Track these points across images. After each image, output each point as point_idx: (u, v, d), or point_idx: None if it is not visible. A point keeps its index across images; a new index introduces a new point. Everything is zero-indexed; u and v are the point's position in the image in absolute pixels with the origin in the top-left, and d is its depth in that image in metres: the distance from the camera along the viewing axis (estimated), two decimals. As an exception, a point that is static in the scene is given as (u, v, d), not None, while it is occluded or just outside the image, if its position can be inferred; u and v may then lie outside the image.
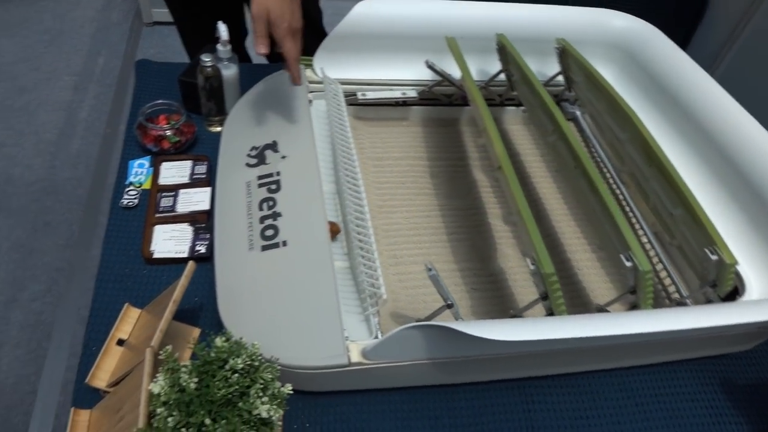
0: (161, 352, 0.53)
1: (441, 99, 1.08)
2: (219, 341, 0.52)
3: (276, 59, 0.97)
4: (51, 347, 1.18)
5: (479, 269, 0.85)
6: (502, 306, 0.81)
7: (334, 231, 0.77)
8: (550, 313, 0.67)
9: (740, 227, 0.81)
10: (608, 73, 1.06)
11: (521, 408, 0.72)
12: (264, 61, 1.38)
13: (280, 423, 0.54)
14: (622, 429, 0.72)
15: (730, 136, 0.87)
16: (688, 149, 0.92)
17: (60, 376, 1.13)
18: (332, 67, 1.00)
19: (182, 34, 1.36)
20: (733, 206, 0.83)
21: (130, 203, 0.87)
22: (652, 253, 0.90)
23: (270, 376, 0.52)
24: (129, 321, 0.70)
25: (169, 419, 0.48)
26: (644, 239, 0.92)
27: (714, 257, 0.67)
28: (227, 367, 0.51)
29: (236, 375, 0.50)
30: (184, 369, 0.51)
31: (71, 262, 1.51)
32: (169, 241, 0.81)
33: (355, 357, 0.62)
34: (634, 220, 0.94)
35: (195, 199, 0.87)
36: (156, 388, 0.50)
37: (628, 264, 0.65)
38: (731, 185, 0.84)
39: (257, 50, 0.80)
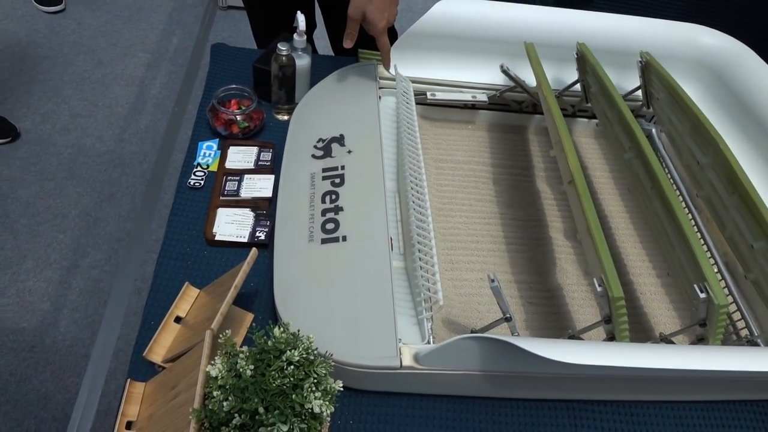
0: (220, 335, 0.54)
1: (511, 105, 1.06)
2: (277, 331, 0.53)
3: (343, 52, 1.01)
4: (106, 315, 1.23)
5: (537, 283, 0.83)
6: (558, 323, 0.78)
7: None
8: (611, 337, 0.64)
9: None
10: (693, 92, 1.01)
11: (569, 430, 0.70)
12: (330, 52, 1.39)
13: (329, 419, 0.54)
14: (675, 466, 0.69)
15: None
16: (772, 179, 0.87)
17: (112, 343, 1.18)
18: (405, 64, 0.99)
19: (252, 22, 1.38)
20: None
21: (197, 184, 0.89)
22: (722, 284, 0.85)
23: (324, 372, 0.52)
24: (188, 300, 0.72)
25: (225, 403, 0.49)
26: (714, 268, 0.87)
27: (797, 298, 0.62)
28: (283, 358, 0.51)
29: (291, 367, 0.51)
30: (241, 355, 0.52)
31: (131, 234, 1.56)
32: (231, 225, 0.83)
33: (407, 361, 0.61)
34: (705, 249, 0.90)
35: (259, 185, 0.88)
36: (214, 371, 0.51)
37: (702, 295, 0.61)
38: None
39: (345, 45, 0.88)
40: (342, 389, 0.55)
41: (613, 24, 1.02)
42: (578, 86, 1.00)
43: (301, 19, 0.97)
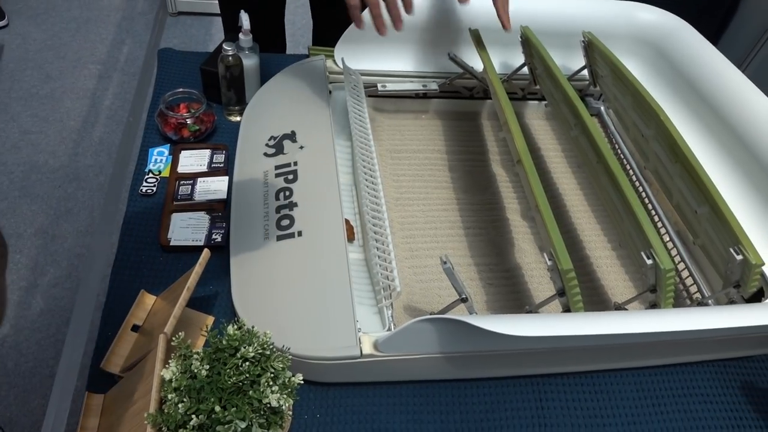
0: (174, 338, 0.53)
1: (462, 92, 1.07)
2: (231, 329, 0.52)
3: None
4: (69, 332, 1.20)
5: (495, 264, 0.84)
6: (518, 302, 0.80)
7: (348, 231, 0.76)
8: (567, 310, 0.66)
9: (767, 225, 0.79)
10: (635, 68, 1.04)
11: (534, 405, 0.71)
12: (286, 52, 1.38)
13: (290, 412, 0.54)
14: (637, 429, 0.71)
15: (760, 133, 0.84)
16: (716, 147, 0.90)
17: (78, 361, 1.15)
18: (354, 57, 0.99)
19: (225, 24, 1.36)
20: (762, 206, 0.81)
21: (149, 191, 0.88)
22: (674, 252, 0.87)
23: (281, 366, 0.52)
24: (144, 307, 0.71)
25: (180, 405, 0.48)
26: (666, 238, 0.89)
27: (739, 257, 0.65)
28: (238, 355, 0.50)
29: (247, 363, 0.50)
30: (195, 356, 0.51)
31: (91, 248, 1.53)
32: (186, 229, 0.82)
33: (367, 349, 0.61)
34: (656, 219, 0.92)
35: (213, 188, 0.87)
36: (167, 374, 0.50)
37: (649, 262, 0.63)
38: (760, 184, 0.82)
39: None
40: (302, 382, 0.55)
41: (556, 6, 1.03)
42: (526, 69, 1.02)
43: (245, 18, 0.96)
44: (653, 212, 0.93)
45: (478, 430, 0.68)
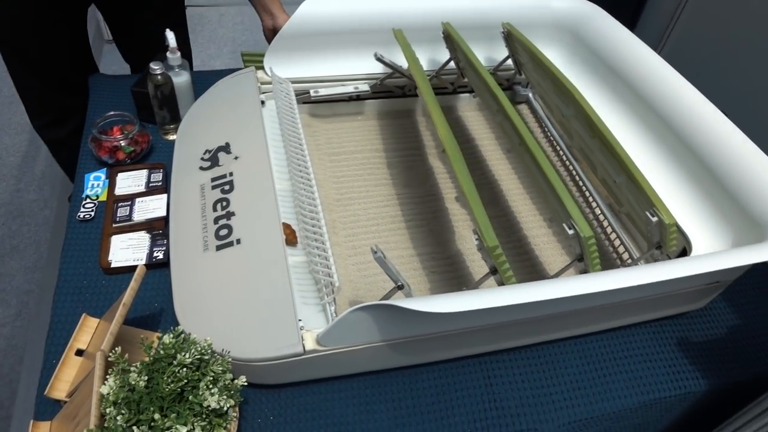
0: (111, 353, 0.54)
1: (394, 91, 1.10)
2: (167, 338, 0.53)
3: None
4: (24, 371, 1.17)
5: (437, 253, 0.86)
6: (460, 287, 0.82)
7: (289, 235, 0.77)
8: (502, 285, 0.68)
9: (688, 191, 0.83)
10: (556, 54, 1.08)
11: (482, 383, 0.73)
12: (216, 67, 1.38)
13: (235, 414, 0.55)
14: (582, 395, 0.74)
15: (674, 105, 0.89)
16: (636, 121, 0.94)
17: (33, 399, 1.12)
18: (284, 66, 1.00)
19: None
20: (681, 172, 0.85)
21: (87, 216, 0.87)
22: (605, 223, 0.92)
23: (220, 369, 0.53)
24: (87, 331, 0.71)
25: (119, 417, 0.48)
26: (597, 211, 0.94)
27: (654, 219, 0.68)
28: (175, 362, 0.51)
29: (185, 369, 0.51)
30: (134, 368, 0.52)
31: (41, 284, 1.49)
32: (127, 250, 0.82)
33: (310, 345, 0.62)
34: (588, 194, 0.96)
35: (152, 207, 0.87)
36: (105, 389, 0.50)
37: (571, 232, 0.66)
38: (679, 152, 0.86)
39: None
40: (246, 384, 0.56)
41: (475, 1, 1.07)
42: (453, 64, 1.05)
43: (170, 37, 0.97)
44: (584, 187, 0.97)
45: (429, 413, 0.70)
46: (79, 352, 0.69)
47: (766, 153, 0.78)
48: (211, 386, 0.51)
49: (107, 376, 0.52)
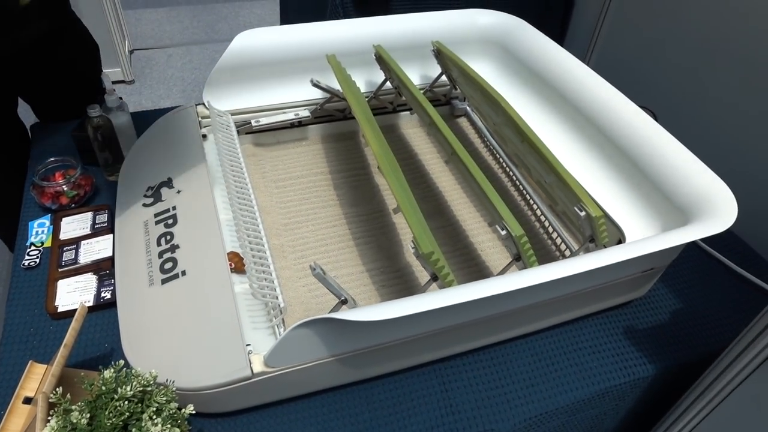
0: (52, 395, 0.53)
1: (335, 114, 1.12)
2: (107, 373, 0.53)
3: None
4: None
5: (386, 267, 0.88)
6: (411, 297, 0.84)
7: (237, 263, 0.78)
8: (446, 292, 0.70)
9: (618, 187, 0.87)
10: (486, 67, 1.13)
11: (438, 389, 0.75)
12: (157, 106, 1.38)
13: (184, 443, 0.55)
14: (535, 391, 0.76)
15: (599, 108, 0.93)
16: (567, 124, 0.99)
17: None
18: (222, 99, 1.02)
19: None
20: (613, 171, 0.89)
21: (32, 263, 0.86)
22: (546, 222, 0.95)
23: (164, 399, 0.53)
24: (35, 378, 0.69)
25: (61, 457, 0.48)
26: (539, 212, 0.97)
27: (582, 213, 0.72)
28: (116, 396, 0.51)
29: (127, 403, 0.51)
30: (76, 407, 0.51)
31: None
32: (74, 293, 0.81)
33: (258, 367, 0.63)
34: (528, 196, 1.00)
35: (98, 248, 0.87)
36: (47, 431, 0.50)
37: (503, 232, 0.69)
38: (605, 151, 0.90)
39: None
40: (193, 412, 0.56)
41: (405, 23, 1.11)
42: (389, 84, 1.08)
43: (106, 80, 0.98)
44: (524, 191, 1.01)
45: (387, 425, 0.71)
46: (27, 400, 0.68)
47: (689, 148, 0.82)
48: (154, 417, 0.51)
49: (49, 418, 0.52)
